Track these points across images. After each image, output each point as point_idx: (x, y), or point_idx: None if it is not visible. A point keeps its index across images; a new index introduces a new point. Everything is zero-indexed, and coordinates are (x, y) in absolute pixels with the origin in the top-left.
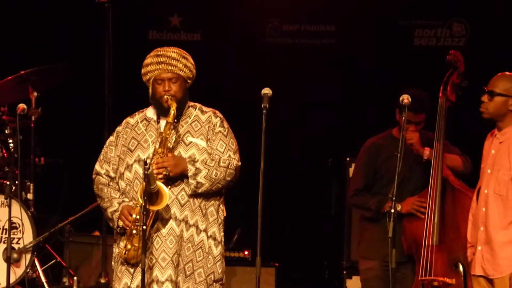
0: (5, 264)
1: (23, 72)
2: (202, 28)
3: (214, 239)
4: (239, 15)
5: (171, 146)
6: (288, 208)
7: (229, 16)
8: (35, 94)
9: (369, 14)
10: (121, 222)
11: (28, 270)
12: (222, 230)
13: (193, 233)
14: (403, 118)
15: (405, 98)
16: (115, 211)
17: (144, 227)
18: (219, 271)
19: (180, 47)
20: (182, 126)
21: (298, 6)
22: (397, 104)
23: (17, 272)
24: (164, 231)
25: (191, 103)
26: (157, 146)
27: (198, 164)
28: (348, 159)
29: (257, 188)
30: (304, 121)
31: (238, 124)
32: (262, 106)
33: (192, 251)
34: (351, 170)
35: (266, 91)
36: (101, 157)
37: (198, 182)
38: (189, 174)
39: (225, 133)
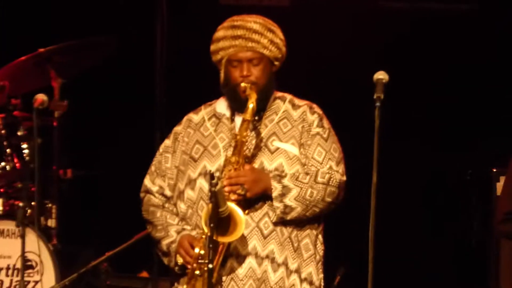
0: None
1: (42, 49)
2: None
3: (311, 283)
4: None
5: (249, 154)
6: (411, 236)
7: None
8: (60, 80)
9: None
10: (180, 259)
11: None
12: (321, 270)
13: (284, 275)
14: None
15: None
16: (172, 242)
17: (211, 265)
18: None
19: (264, 16)
20: (266, 126)
21: None
22: None
23: None
24: (240, 272)
25: (279, 94)
26: (229, 154)
27: (286, 181)
28: (494, 170)
29: (366, 208)
30: (432, 115)
31: (341, 121)
32: (375, 96)
33: None
34: (500, 185)
35: (381, 75)
36: (152, 168)
37: (286, 206)
38: (274, 194)
39: (325, 135)
